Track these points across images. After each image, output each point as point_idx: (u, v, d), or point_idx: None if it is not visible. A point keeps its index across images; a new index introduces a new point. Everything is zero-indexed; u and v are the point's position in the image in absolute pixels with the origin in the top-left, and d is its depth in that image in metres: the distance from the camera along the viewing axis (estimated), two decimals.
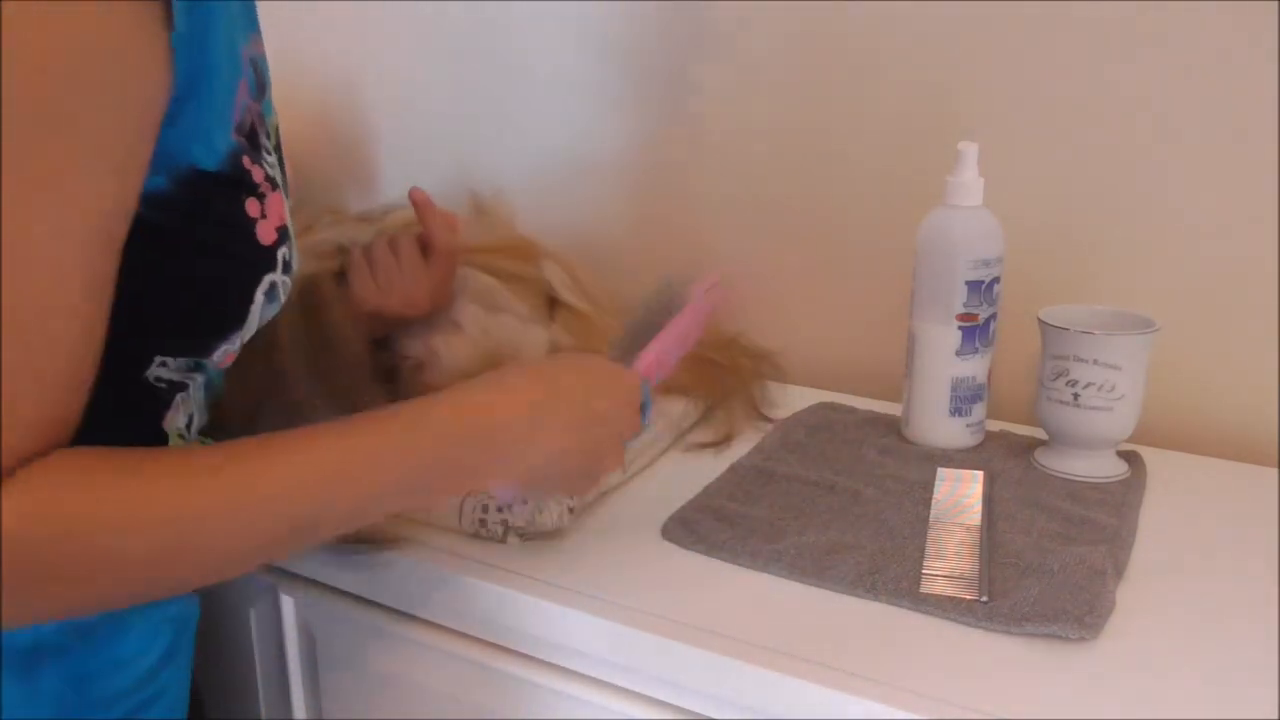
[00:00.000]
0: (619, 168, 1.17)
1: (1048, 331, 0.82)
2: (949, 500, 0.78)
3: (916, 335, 0.87)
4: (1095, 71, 0.90)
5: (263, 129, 0.61)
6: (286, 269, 0.61)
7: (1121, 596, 0.67)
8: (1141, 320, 0.82)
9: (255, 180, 0.58)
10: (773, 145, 1.07)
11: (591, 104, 1.17)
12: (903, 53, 0.98)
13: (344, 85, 1.35)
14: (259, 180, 0.58)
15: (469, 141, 1.27)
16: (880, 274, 1.03)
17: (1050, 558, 0.69)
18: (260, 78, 0.61)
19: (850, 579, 0.68)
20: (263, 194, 0.59)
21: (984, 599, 0.65)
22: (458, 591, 0.70)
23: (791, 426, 0.93)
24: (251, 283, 0.59)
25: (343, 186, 1.39)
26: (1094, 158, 0.92)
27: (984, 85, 0.95)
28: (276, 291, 0.61)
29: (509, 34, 1.20)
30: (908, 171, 1.00)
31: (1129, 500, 0.79)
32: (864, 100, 1.01)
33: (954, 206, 0.85)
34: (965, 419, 0.87)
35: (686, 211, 1.14)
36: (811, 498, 0.79)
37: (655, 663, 0.64)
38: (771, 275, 1.10)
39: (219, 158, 0.56)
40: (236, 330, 0.60)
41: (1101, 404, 0.80)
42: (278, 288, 0.61)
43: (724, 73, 1.08)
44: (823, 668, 0.59)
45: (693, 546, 0.73)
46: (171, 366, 0.59)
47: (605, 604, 0.66)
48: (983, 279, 0.84)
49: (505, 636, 0.71)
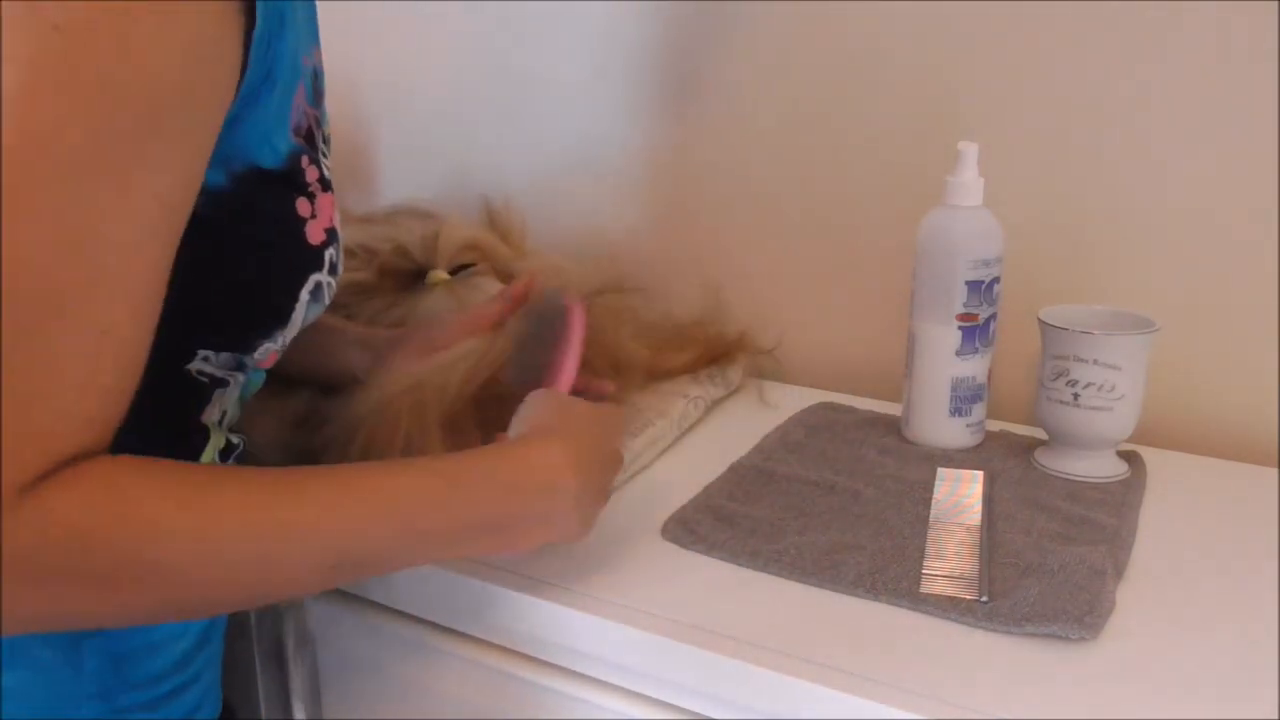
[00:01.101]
0: (618, 168, 1.17)
1: (1048, 331, 0.82)
2: (949, 500, 0.78)
3: (916, 335, 0.87)
4: (1095, 71, 0.90)
5: (319, 132, 0.62)
6: (334, 270, 0.62)
7: (1121, 596, 0.67)
8: (1141, 320, 0.82)
9: (308, 180, 0.59)
10: (773, 145, 1.07)
11: (591, 105, 1.17)
12: (903, 53, 0.98)
13: (344, 85, 1.35)
14: (312, 180, 0.59)
15: (469, 142, 1.27)
16: (880, 274, 1.04)
17: (1050, 558, 0.69)
18: (318, 86, 0.62)
19: (850, 579, 0.68)
20: (313, 194, 0.60)
21: (984, 599, 0.65)
22: (455, 591, 0.70)
23: (791, 426, 0.93)
24: (298, 281, 0.60)
25: (343, 186, 1.39)
26: (1094, 158, 0.92)
27: (984, 85, 0.95)
28: (322, 292, 0.62)
29: (509, 34, 1.20)
30: (908, 171, 1.00)
31: (1129, 500, 0.79)
32: (864, 100, 1.01)
33: (954, 206, 0.85)
34: (965, 419, 0.87)
35: (686, 212, 1.14)
36: (811, 498, 0.79)
37: (655, 663, 0.64)
38: (772, 275, 1.10)
39: (280, 158, 0.57)
40: (280, 328, 0.61)
41: (1101, 404, 0.80)
42: (323, 288, 0.62)
43: (724, 74, 1.08)
44: (823, 668, 0.60)
45: (693, 546, 0.73)
46: (214, 362, 0.60)
47: (604, 604, 0.66)
48: (983, 279, 0.84)
49: (504, 636, 0.71)
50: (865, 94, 1.01)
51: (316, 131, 0.62)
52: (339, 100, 1.36)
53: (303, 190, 0.59)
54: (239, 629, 0.86)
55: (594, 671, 0.68)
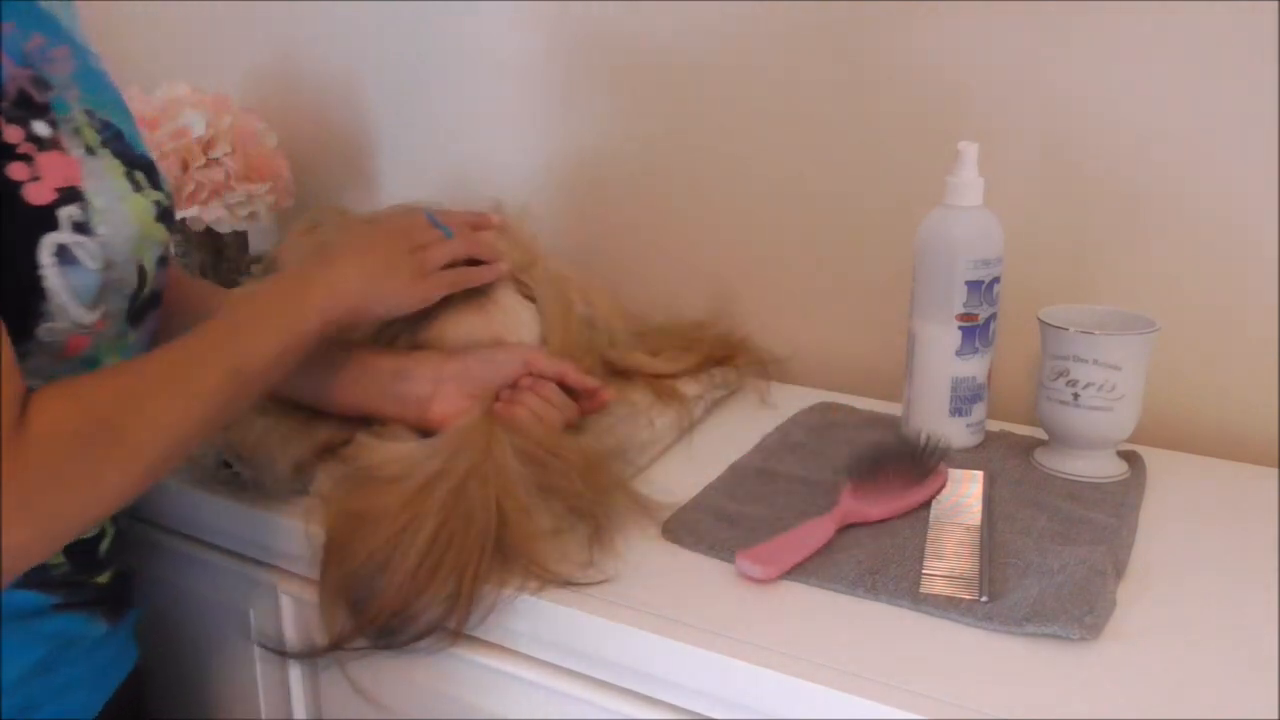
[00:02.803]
0: (617, 169, 1.17)
1: (1048, 331, 0.82)
2: (949, 500, 0.78)
3: (916, 335, 0.87)
4: (1095, 71, 0.90)
5: (41, 94, 0.64)
6: (83, 230, 0.62)
7: (1121, 596, 0.67)
8: (1141, 320, 0.82)
9: (10, 142, 0.60)
10: (773, 146, 1.07)
11: (591, 106, 1.17)
12: (903, 53, 0.98)
13: (344, 85, 1.35)
14: (17, 141, 0.61)
15: (468, 142, 1.27)
16: (880, 274, 1.04)
17: (1050, 558, 0.69)
18: (31, 45, 0.65)
19: (850, 579, 0.68)
20: (28, 155, 0.61)
21: (984, 599, 0.65)
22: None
23: (791, 426, 0.93)
24: (28, 245, 0.60)
25: (343, 186, 1.39)
26: (1094, 158, 0.92)
27: (984, 85, 0.95)
28: (73, 254, 0.62)
29: (509, 34, 1.20)
30: (908, 171, 1.00)
31: (1129, 500, 0.79)
32: (864, 100, 1.01)
33: (954, 206, 0.85)
34: (965, 419, 0.87)
35: (686, 212, 1.14)
36: (811, 498, 0.79)
37: (656, 663, 0.64)
38: (772, 275, 1.10)
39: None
40: (42, 301, 0.61)
41: (1101, 404, 0.80)
42: (72, 250, 0.62)
43: (724, 74, 1.08)
44: (823, 668, 0.60)
45: (693, 546, 0.73)
46: (30, 365, 0.61)
47: (604, 603, 0.66)
48: (983, 279, 0.84)
49: (504, 636, 0.71)
50: (865, 94, 1.01)
51: (34, 91, 0.63)
52: (339, 100, 1.36)
53: (8, 154, 0.60)
54: (239, 628, 0.86)
55: (594, 672, 0.68)
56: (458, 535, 0.68)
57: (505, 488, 0.72)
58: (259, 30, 1.39)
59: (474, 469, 0.72)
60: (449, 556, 0.68)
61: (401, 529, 0.69)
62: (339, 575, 0.70)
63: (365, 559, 0.69)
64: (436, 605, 0.67)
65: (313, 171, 1.39)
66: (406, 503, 0.70)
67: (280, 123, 1.33)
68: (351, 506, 0.72)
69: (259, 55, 1.41)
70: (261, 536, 0.81)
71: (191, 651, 0.91)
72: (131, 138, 0.71)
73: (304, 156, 1.38)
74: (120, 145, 0.68)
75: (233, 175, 1.20)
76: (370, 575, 0.68)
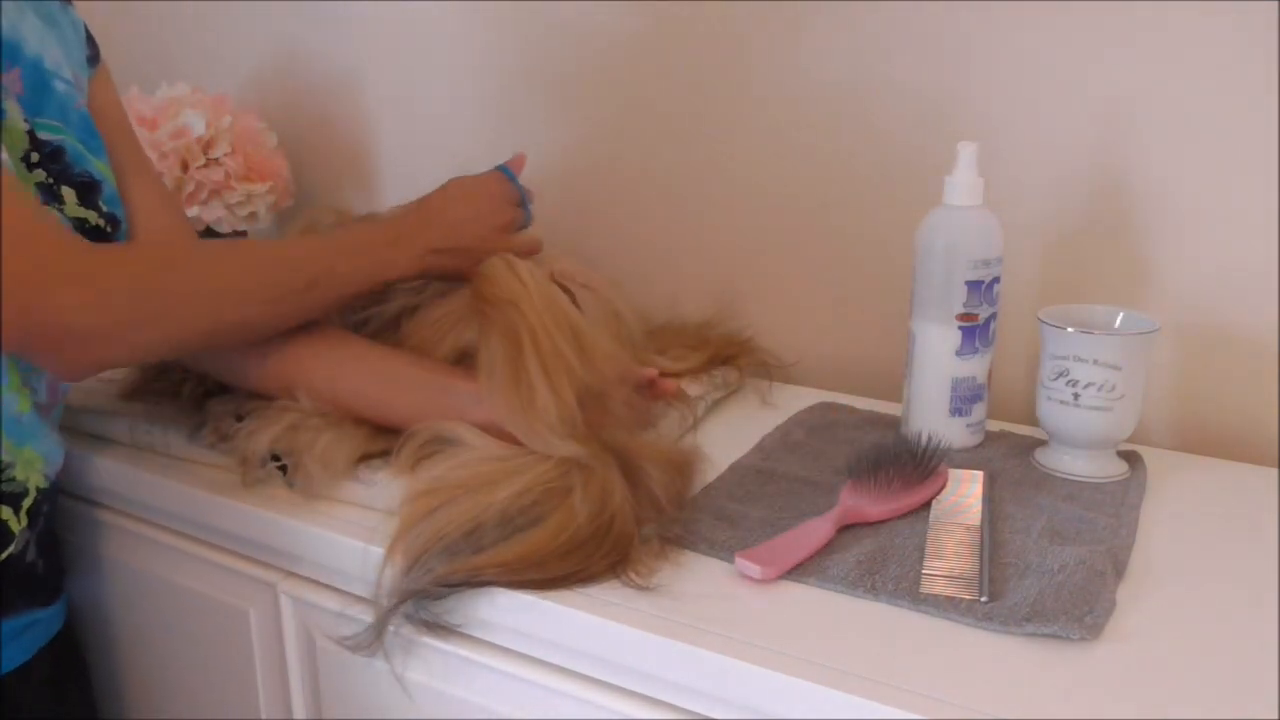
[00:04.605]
0: (618, 169, 1.17)
1: (1048, 331, 0.82)
2: (949, 500, 0.78)
3: (916, 335, 0.87)
4: (1095, 71, 0.91)
5: None
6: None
7: (1121, 596, 0.67)
8: (1141, 320, 0.82)
9: None
10: (773, 146, 1.07)
11: (591, 106, 1.17)
12: (903, 53, 0.98)
13: (344, 85, 1.35)
14: None
15: (468, 143, 1.27)
16: (880, 274, 1.04)
17: (1050, 558, 0.69)
18: None
19: (850, 579, 0.68)
20: None
21: (984, 599, 0.65)
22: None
23: (791, 426, 0.93)
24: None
25: (343, 186, 1.39)
26: (1093, 157, 0.92)
27: (984, 85, 0.95)
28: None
29: (509, 34, 1.20)
30: (907, 171, 1.00)
31: (1129, 500, 0.79)
32: (864, 100, 1.01)
33: (954, 206, 0.85)
34: (965, 419, 0.87)
35: (685, 213, 1.14)
36: (811, 498, 0.79)
37: (655, 663, 0.64)
38: (772, 275, 1.10)
39: None
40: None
41: (1101, 404, 0.80)
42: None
43: (724, 74, 1.08)
44: (823, 668, 0.60)
45: (692, 546, 0.73)
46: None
47: (605, 604, 0.66)
48: (983, 279, 0.84)
49: (503, 636, 0.71)
50: (865, 94, 1.01)
51: None
52: (340, 100, 1.36)
53: None
54: (239, 629, 0.86)
55: (594, 671, 0.68)
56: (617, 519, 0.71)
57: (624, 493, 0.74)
58: (259, 30, 1.39)
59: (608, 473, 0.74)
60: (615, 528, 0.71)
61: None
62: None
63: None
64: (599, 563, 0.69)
65: (313, 171, 1.39)
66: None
67: (280, 123, 1.33)
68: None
69: (259, 55, 1.41)
70: (261, 536, 0.81)
71: (191, 651, 0.91)
72: (76, 156, 0.77)
73: (304, 156, 1.38)
74: (58, 165, 0.76)
75: (233, 175, 1.20)
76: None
